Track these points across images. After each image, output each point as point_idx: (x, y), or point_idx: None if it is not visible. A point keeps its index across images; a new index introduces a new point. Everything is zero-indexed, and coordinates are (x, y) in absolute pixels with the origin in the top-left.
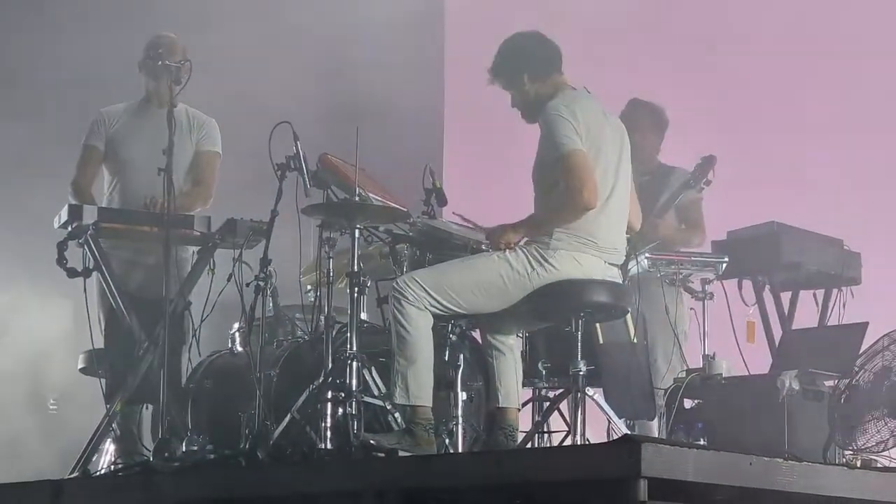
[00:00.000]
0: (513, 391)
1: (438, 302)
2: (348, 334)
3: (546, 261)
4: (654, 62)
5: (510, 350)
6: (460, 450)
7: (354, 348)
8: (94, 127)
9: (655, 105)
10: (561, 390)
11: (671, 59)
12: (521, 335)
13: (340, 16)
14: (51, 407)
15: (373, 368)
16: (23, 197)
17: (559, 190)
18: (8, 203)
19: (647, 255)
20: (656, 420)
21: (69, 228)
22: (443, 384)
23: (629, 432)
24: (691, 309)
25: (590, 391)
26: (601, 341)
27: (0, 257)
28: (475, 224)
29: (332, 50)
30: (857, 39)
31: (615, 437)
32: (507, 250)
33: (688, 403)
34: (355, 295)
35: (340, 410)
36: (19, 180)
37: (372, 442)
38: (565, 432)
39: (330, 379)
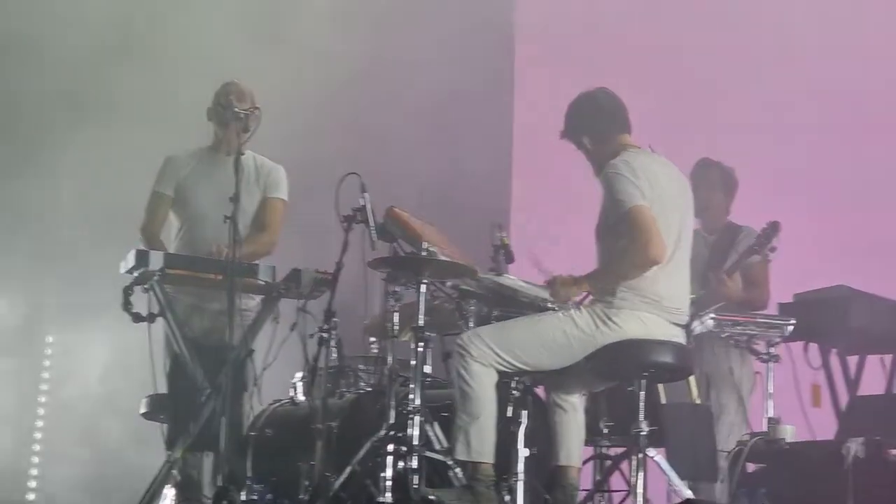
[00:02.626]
0: (575, 450)
1: (503, 359)
2: (412, 388)
3: (610, 319)
4: (721, 121)
5: (573, 409)
6: None
7: (418, 402)
8: (163, 173)
9: (725, 165)
10: (622, 450)
11: (738, 119)
12: (584, 394)
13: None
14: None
15: (435, 423)
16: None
17: (623, 246)
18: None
19: (712, 315)
20: (719, 483)
21: (135, 274)
22: (505, 441)
23: (691, 495)
24: (757, 372)
25: (651, 452)
26: (664, 401)
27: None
28: (545, 268)
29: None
30: None
31: (676, 499)
32: (573, 309)
33: (751, 467)
34: (420, 349)
35: (401, 464)
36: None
37: (432, 497)
38: (626, 493)
39: (392, 432)
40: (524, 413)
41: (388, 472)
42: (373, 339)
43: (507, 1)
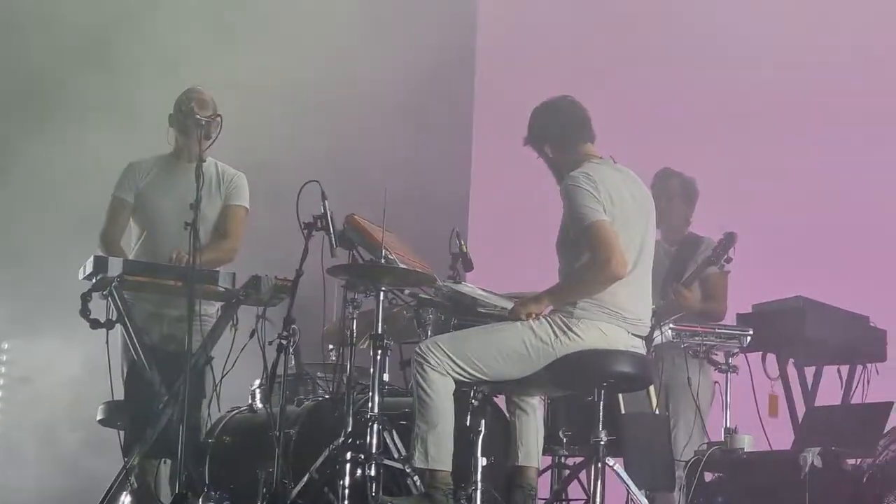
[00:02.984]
0: (533, 450)
1: (461, 368)
2: (370, 395)
3: (570, 329)
4: (682, 133)
5: (533, 410)
6: None
7: (376, 410)
8: (123, 179)
9: (686, 176)
10: (581, 459)
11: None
12: (543, 399)
13: (369, 77)
14: None
15: (393, 431)
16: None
17: (585, 261)
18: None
19: (671, 326)
20: (676, 492)
21: (94, 280)
22: (463, 449)
23: None
24: (716, 382)
25: (610, 461)
26: (623, 411)
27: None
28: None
29: (360, 111)
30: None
31: None
32: (532, 318)
33: (708, 477)
34: (378, 357)
35: (359, 472)
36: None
37: None
38: (584, 502)
39: (350, 440)
40: (482, 422)
41: (346, 480)
42: (331, 346)
43: (468, 6)
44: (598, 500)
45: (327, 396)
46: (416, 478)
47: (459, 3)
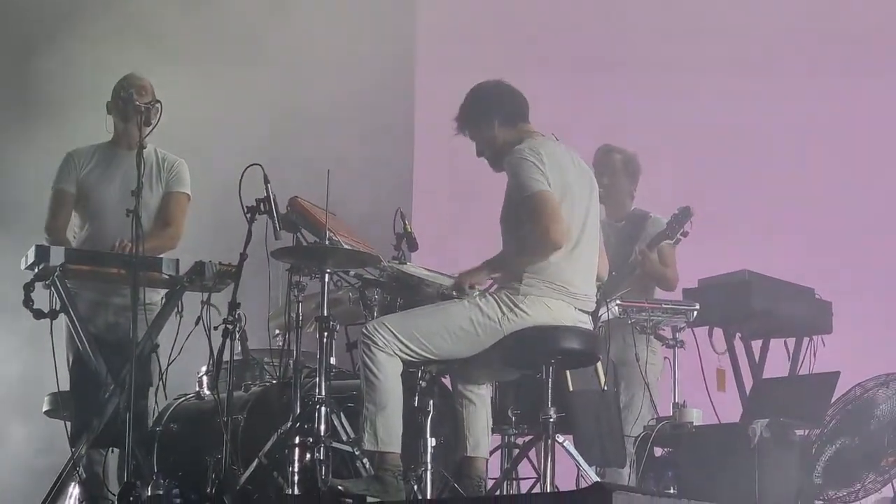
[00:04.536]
0: (482, 441)
1: (408, 347)
2: (317, 379)
3: (517, 306)
4: (622, 106)
5: (480, 399)
6: (429, 496)
7: (323, 393)
8: (63, 169)
9: (628, 151)
10: (530, 437)
11: (640, 105)
12: (490, 385)
13: (310, 59)
14: None
15: (341, 414)
16: None
17: (526, 231)
18: None
19: (618, 301)
20: (626, 468)
21: (36, 270)
22: (412, 430)
23: (599, 480)
24: (665, 358)
25: (560, 438)
26: (571, 388)
27: None
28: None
29: (302, 93)
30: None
31: (585, 484)
32: (478, 296)
33: (658, 451)
34: (324, 339)
35: (308, 456)
36: None
37: (340, 488)
38: (535, 479)
39: (298, 424)
40: (431, 402)
41: (296, 464)
42: (277, 330)
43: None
44: (548, 477)
45: (274, 381)
46: (365, 460)
47: None
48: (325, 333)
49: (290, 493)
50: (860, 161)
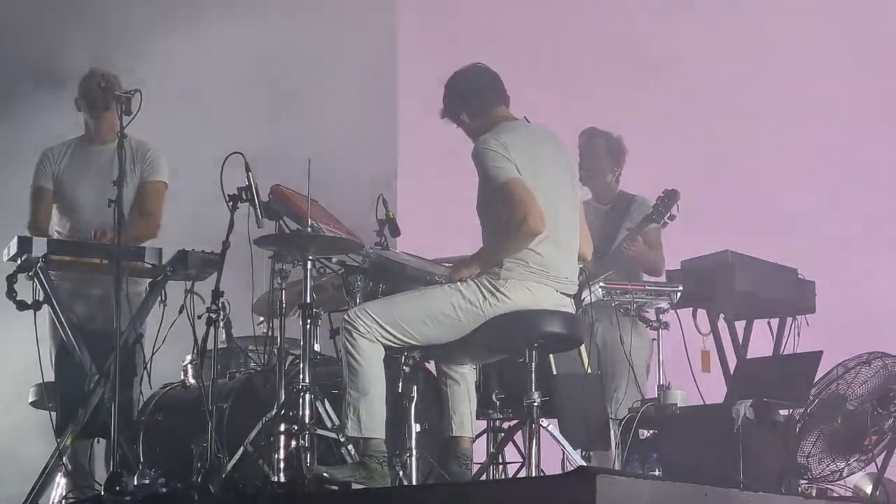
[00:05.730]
0: (467, 420)
1: (390, 333)
2: (301, 366)
3: (498, 290)
4: (607, 89)
5: (464, 379)
6: (414, 482)
7: (307, 380)
8: (40, 167)
9: (612, 134)
10: (515, 421)
11: (623, 87)
12: (474, 365)
13: (293, 43)
14: None
15: (326, 400)
16: None
17: (504, 221)
18: None
19: (601, 284)
20: (612, 451)
21: (18, 261)
22: (396, 416)
23: (584, 463)
24: (653, 340)
25: (544, 422)
26: (555, 372)
27: None
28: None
29: (284, 79)
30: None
31: (570, 468)
32: (459, 281)
33: (643, 434)
34: (308, 326)
35: (293, 443)
36: None
37: (325, 475)
38: (520, 464)
39: (283, 411)
40: (415, 388)
41: (281, 452)
42: (261, 318)
43: None
44: (533, 461)
45: (259, 369)
46: (350, 447)
47: None
48: (309, 320)
49: (276, 480)
50: (842, 140)
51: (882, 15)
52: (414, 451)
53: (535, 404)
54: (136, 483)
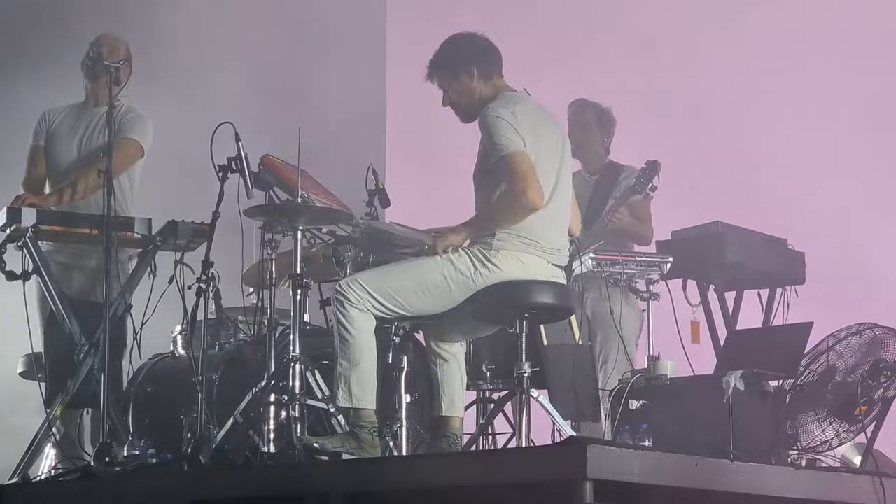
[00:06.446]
0: (457, 399)
1: (381, 304)
2: (291, 336)
3: (489, 261)
4: (596, 60)
5: (454, 358)
6: (405, 452)
7: (297, 351)
8: (37, 126)
9: (601, 105)
10: (505, 392)
11: (612, 58)
12: (464, 343)
13: (282, 16)
14: None
15: (316, 371)
16: None
17: (502, 191)
18: None
19: (591, 255)
20: (602, 422)
21: (7, 231)
22: (387, 387)
23: (575, 434)
24: (644, 311)
25: (534, 393)
26: (545, 343)
27: None
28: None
29: (273, 49)
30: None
31: (560, 439)
32: (451, 251)
33: (633, 405)
34: (298, 297)
35: (283, 413)
36: None
37: (315, 445)
38: (510, 434)
39: (273, 382)
40: (405, 358)
41: (271, 422)
42: (251, 288)
43: None
44: (524, 432)
45: (249, 339)
46: (340, 417)
47: None
48: (299, 291)
49: (266, 450)
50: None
51: None
52: (404, 422)
53: (526, 375)
54: (125, 454)
